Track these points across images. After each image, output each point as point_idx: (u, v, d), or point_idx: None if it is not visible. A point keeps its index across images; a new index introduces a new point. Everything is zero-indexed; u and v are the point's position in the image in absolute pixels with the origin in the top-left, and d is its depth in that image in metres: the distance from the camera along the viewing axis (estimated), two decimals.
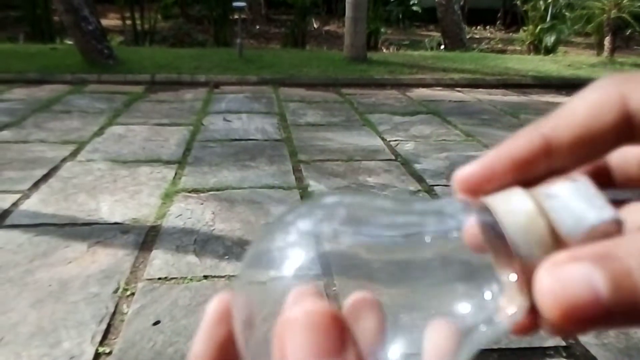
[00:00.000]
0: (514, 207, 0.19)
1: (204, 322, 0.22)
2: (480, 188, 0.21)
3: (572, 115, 0.20)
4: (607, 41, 8.81)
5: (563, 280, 0.17)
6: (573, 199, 0.19)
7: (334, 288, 0.20)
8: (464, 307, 0.19)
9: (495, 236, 0.19)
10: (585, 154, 0.21)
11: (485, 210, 0.20)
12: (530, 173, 0.21)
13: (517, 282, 0.19)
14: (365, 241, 0.20)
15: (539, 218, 0.19)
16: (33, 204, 2.75)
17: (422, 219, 0.20)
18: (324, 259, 0.20)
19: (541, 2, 9.84)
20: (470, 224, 0.20)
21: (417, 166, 3.54)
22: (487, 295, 0.19)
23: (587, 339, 1.85)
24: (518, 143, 0.21)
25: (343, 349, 0.16)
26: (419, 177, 3.32)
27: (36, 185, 2.99)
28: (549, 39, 9.76)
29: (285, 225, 0.21)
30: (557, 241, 0.18)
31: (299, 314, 0.17)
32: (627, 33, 9.17)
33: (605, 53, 8.78)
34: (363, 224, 0.20)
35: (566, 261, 0.17)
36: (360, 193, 0.22)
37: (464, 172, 0.22)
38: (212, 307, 0.22)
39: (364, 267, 0.20)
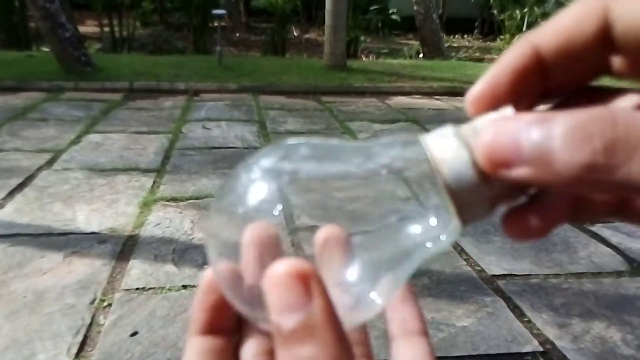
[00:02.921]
0: (442, 145, 0.22)
1: (198, 293, 0.26)
2: (491, 104, 0.22)
3: (557, 25, 0.22)
4: None
5: (498, 132, 0.20)
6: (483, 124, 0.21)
7: (296, 222, 0.23)
8: (411, 230, 0.22)
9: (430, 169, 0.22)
10: (572, 63, 0.22)
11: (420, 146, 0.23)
12: (530, 82, 0.22)
13: (448, 204, 0.21)
14: (321, 176, 0.22)
15: (462, 150, 0.21)
16: (8, 213, 2.70)
17: (373, 157, 0.23)
18: (284, 193, 0.22)
19: (517, 12, 10.02)
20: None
21: None
22: (432, 221, 0.22)
23: (564, 344, 1.88)
24: (513, 54, 0.22)
25: (309, 301, 0.19)
26: None
27: (11, 194, 2.94)
28: None
29: (249, 165, 0.23)
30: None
31: (274, 273, 0.19)
32: None
33: None
34: (319, 161, 0.23)
35: (508, 120, 0.20)
36: (318, 137, 0.24)
37: (474, 93, 0.23)
38: (204, 281, 0.26)
39: (321, 201, 0.23)
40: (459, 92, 6.63)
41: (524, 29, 10.01)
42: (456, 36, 14.19)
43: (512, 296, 2.16)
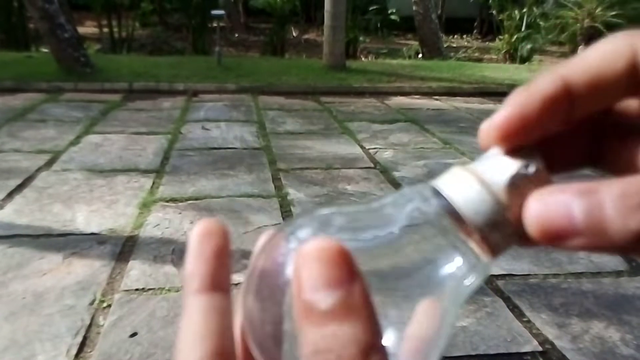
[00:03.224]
0: (461, 186, 0.22)
1: (191, 243, 0.24)
2: (519, 131, 0.22)
3: (586, 61, 0.22)
4: (580, 50, 8.96)
5: (547, 204, 0.20)
6: (501, 166, 0.22)
7: None
8: (441, 278, 0.22)
9: (452, 213, 0.22)
10: (599, 99, 0.22)
11: (439, 194, 0.22)
12: (558, 112, 0.22)
13: (477, 245, 0.22)
14: (360, 246, 0.22)
15: (484, 191, 0.21)
16: (7, 214, 2.70)
17: (394, 216, 0.22)
18: None
19: (516, 12, 10.02)
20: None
21: (396, 174, 3.56)
22: (458, 261, 0.22)
23: (564, 344, 1.88)
24: (543, 84, 0.22)
25: (351, 280, 0.18)
26: (397, 185, 3.34)
27: (10, 195, 2.94)
28: (525, 48, 9.93)
29: (286, 235, 0.22)
30: (502, 202, 0.22)
31: (312, 248, 0.19)
32: None
33: None
34: (353, 230, 0.22)
35: (554, 191, 0.20)
36: (337, 204, 0.25)
37: (500, 119, 0.22)
38: (197, 230, 0.24)
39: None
40: (457, 92, 6.64)
41: (522, 28, 10.02)
42: (455, 36, 14.19)
43: (511, 296, 2.16)
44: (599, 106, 0.23)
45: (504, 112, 0.23)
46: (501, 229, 0.22)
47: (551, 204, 0.20)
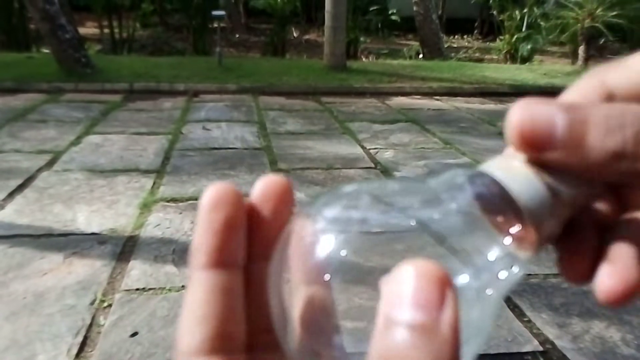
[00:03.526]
0: (515, 173, 0.21)
1: (201, 212, 0.22)
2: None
3: (629, 66, 0.22)
4: (581, 50, 8.98)
5: (532, 111, 0.20)
6: None
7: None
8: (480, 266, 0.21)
9: (498, 201, 0.21)
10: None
11: (489, 178, 0.22)
12: None
13: (522, 237, 0.21)
14: (384, 225, 0.21)
15: (535, 179, 0.21)
16: (7, 214, 2.70)
17: (434, 197, 0.22)
18: (357, 243, 0.21)
19: (517, 12, 10.02)
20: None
21: (397, 174, 3.56)
22: (491, 255, 0.21)
23: (564, 344, 1.88)
24: (583, 85, 0.23)
25: (441, 305, 0.17)
26: None
27: (11, 195, 2.94)
28: (525, 48, 9.93)
29: (312, 215, 0.21)
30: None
31: (411, 265, 0.17)
32: (601, 42, 9.36)
33: (580, 62, 8.95)
34: (384, 208, 0.21)
35: (540, 102, 0.20)
36: (375, 180, 0.23)
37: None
38: (207, 197, 0.22)
39: (386, 250, 0.21)
40: (458, 93, 6.64)
41: (523, 29, 10.02)
42: (456, 37, 14.19)
43: (511, 296, 2.16)
44: None
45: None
46: (552, 216, 0.21)
47: (536, 112, 0.20)
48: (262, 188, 0.24)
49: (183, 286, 2.12)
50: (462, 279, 0.20)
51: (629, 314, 2.06)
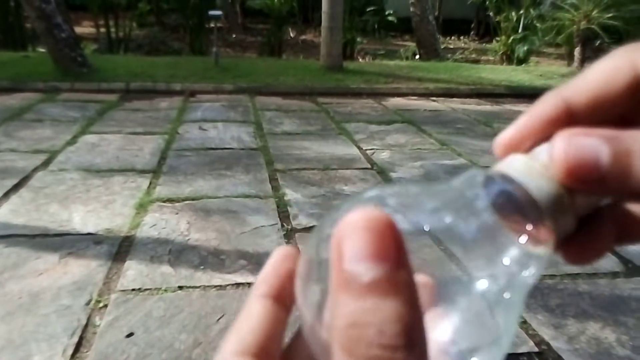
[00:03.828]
0: (532, 172, 0.22)
1: (272, 257, 0.25)
2: (517, 148, 0.24)
3: (588, 80, 0.23)
4: (577, 52, 9.02)
5: (576, 145, 0.21)
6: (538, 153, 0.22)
7: None
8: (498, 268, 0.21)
9: (515, 201, 0.22)
10: (601, 114, 0.23)
11: (503, 178, 0.22)
12: (556, 131, 0.23)
13: (539, 235, 0.21)
14: (409, 229, 0.21)
15: (552, 178, 0.21)
16: (3, 214, 2.69)
17: (451, 201, 0.22)
18: None
19: (513, 14, 10.04)
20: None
21: (393, 174, 3.56)
22: (507, 258, 0.21)
23: (560, 345, 1.88)
24: (544, 107, 0.24)
25: (398, 255, 0.17)
26: None
27: (6, 195, 2.93)
28: (521, 50, 9.96)
29: (335, 220, 0.21)
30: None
31: (359, 216, 0.17)
32: (597, 44, 9.38)
33: (576, 63, 8.98)
34: (406, 212, 0.21)
35: (581, 134, 0.21)
36: (396, 184, 0.23)
37: (503, 137, 0.24)
38: (281, 250, 0.25)
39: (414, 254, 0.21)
40: (455, 94, 6.65)
41: (519, 30, 10.04)
42: (452, 37, 14.22)
43: None
44: (601, 119, 0.23)
45: (508, 131, 0.24)
46: (569, 214, 0.22)
47: (580, 146, 0.21)
48: (282, 251, 0.26)
49: (179, 287, 2.11)
50: (481, 285, 0.20)
51: (624, 315, 2.07)
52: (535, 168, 0.22)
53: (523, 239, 0.21)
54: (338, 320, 0.17)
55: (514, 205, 0.22)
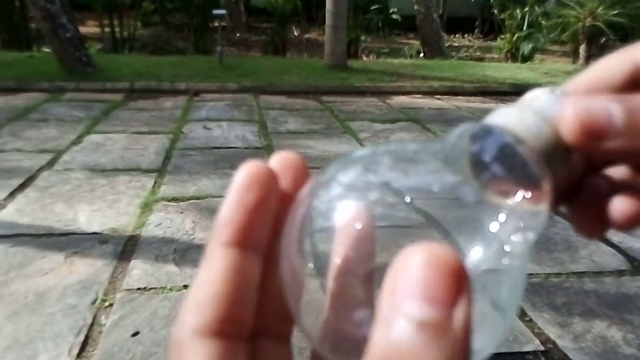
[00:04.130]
0: (524, 121, 0.21)
1: (233, 188, 0.21)
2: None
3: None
4: (582, 49, 8.97)
5: (586, 106, 0.21)
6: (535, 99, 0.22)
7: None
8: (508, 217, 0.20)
9: (508, 154, 0.20)
10: None
11: (497, 131, 0.21)
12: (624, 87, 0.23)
13: (535, 188, 0.20)
14: (408, 187, 0.20)
15: (546, 125, 0.21)
16: (9, 214, 2.70)
17: (441, 162, 0.21)
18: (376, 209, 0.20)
19: (518, 11, 10.01)
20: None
21: None
22: (502, 221, 0.20)
23: (566, 343, 1.87)
24: (612, 64, 0.23)
25: (456, 301, 0.15)
26: None
27: (12, 195, 2.94)
28: (526, 47, 9.92)
29: (326, 181, 0.21)
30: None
31: (421, 251, 0.16)
32: (602, 41, 9.33)
33: (581, 61, 8.94)
34: (402, 170, 0.21)
35: (589, 96, 0.21)
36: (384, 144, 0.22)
37: (568, 85, 0.23)
38: (241, 175, 0.21)
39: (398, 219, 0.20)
40: (459, 92, 6.63)
41: (524, 28, 10.00)
42: (457, 35, 14.18)
43: None
44: None
45: (572, 81, 0.24)
46: (564, 165, 0.21)
47: (590, 105, 0.21)
48: (278, 164, 0.22)
49: (184, 286, 2.12)
50: (475, 253, 0.19)
51: (630, 314, 2.06)
52: (529, 118, 0.21)
53: (519, 195, 0.20)
54: (373, 349, 0.16)
55: (508, 159, 0.20)
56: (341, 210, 0.20)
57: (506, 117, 0.22)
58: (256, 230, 0.21)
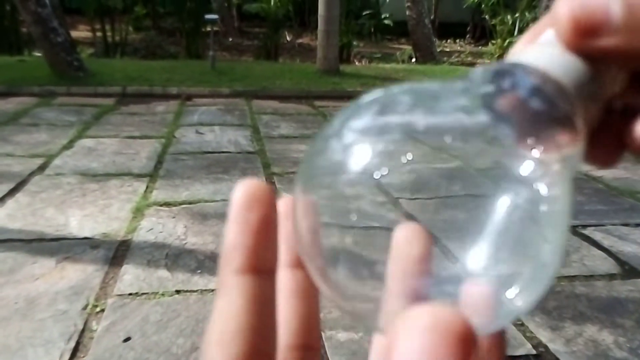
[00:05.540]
0: (553, 57, 0.20)
1: (234, 209, 0.20)
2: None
3: None
4: None
5: (582, 1, 0.19)
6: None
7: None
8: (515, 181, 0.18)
9: (538, 92, 0.19)
10: None
11: (519, 68, 0.20)
12: None
13: (569, 126, 0.19)
14: (433, 127, 0.19)
15: (574, 58, 0.19)
16: None
17: (465, 102, 0.20)
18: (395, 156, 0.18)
19: (509, 17, 10.07)
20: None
21: None
22: (535, 164, 0.18)
23: (557, 347, 1.88)
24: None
25: None
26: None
27: (2, 200, 2.92)
28: None
29: (337, 129, 0.19)
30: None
31: (425, 314, 0.14)
32: None
33: None
34: (426, 110, 0.19)
35: None
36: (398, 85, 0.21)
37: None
38: (239, 195, 0.20)
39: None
40: None
41: (515, 33, 10.07)
42: (448, 41, 14.25)
43: None
44: None
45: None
46: (591, 90, 0.19)
47: (586, 0, 0.19)
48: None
49: (177, 291, 2.11)
50: (509, 200, 0.17)
51: (621, 317, 2.08)
52: (553, 52, 0.20)
53: (551, 134, 0.18)
54: None
55: (538, 96, 0.19)
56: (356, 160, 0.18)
57: (531, 55, 0.20)
58: (266, 252, 0.20)
